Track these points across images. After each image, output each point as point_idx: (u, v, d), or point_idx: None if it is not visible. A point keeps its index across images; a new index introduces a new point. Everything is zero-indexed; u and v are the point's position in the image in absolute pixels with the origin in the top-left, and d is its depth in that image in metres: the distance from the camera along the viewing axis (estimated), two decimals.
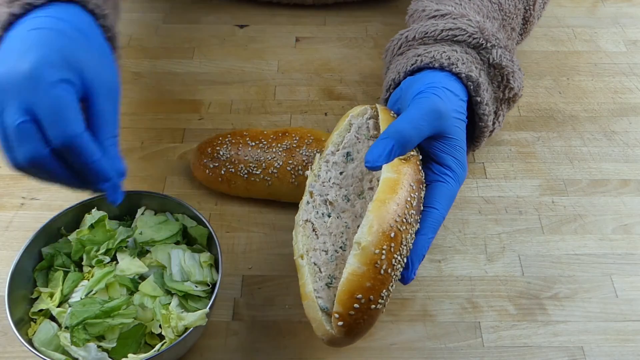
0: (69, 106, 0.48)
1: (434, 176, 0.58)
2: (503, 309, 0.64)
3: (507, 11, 0.71)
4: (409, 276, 0.54)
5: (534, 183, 0.76)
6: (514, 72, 0.66)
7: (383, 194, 0.52)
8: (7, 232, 0.70)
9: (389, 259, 0.50)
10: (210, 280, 0.59)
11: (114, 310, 0.55)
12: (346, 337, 0.51)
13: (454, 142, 0.59)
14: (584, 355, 0.61)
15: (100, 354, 0.54)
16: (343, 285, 0.50)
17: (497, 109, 0.68)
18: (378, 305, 0.51)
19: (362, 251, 0.49)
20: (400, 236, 0.51)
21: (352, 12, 1.00)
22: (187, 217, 0.63)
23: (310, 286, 0.53)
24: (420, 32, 0.67)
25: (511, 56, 0.67)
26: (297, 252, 0.55)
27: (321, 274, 0.53)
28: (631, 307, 0.64)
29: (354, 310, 0.50)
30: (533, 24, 0.77)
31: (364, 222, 0.50)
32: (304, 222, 0.56)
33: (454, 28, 0.65)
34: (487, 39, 0.65)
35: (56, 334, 0.55)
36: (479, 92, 0.63)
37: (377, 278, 0.50)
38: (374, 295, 0.50)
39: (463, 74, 0.62)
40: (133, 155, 0.78)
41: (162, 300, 0.57)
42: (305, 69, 0.90)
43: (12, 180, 0.75)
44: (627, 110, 0.84)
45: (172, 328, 0.54)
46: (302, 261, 0.54)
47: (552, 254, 0.69)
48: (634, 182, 0.76)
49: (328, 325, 0.52)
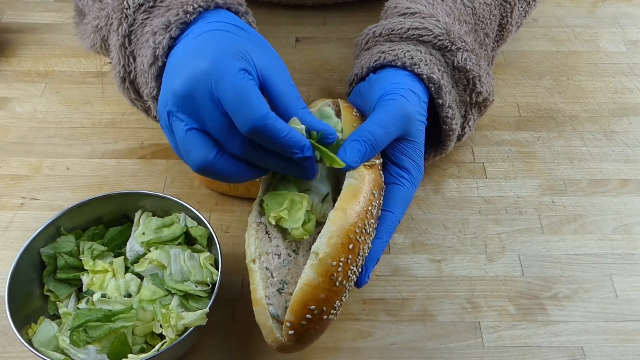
0: (254, 91, 0.48)
1: (392, 179, 0.58)
2: (503, 309, 0.64)
3: (480, 16, 0.70)
4: (362, 280, 0.54)
5: (534, 183, 0.76)
6: (480, 76, 0.66)
7: (345, 202, 0.51)
8: (7, 232, 0.70)
9: (345, 270, 0.49)
10: (210, 280, 0.59)
11: (115, 315, 0.55)
12: (296, 345, 0.51)
13: (414, 145, 0.59)
14: (584, 355, 0.61)
15: (100, 356, 0.54)
16: (297, 295, 0.49)
17: (466, 112, 0.68)
18: (330, 315, 0.50)
19: (319, 262, 0.49)
20: (358, 247, 0.50)
21: (352, 12, 0.99)
22: (187, 217, 0.63)
23: (261, 292, 0.51)
24: (387, 28, 0.66)
25: (477, 60, 0.66)
26: (249, 256, 0.53)
27: (273, 279, 0.52)
28: (631, 307, 0.64)
29: (306, 321, 0.49)
30: (510, 32, 0.75)
31: (324, 232, 0.49)
32: (256, 225, 0.54)
33: (420, 27, 0.64)
34: (452, 42, 0.64)
35: (55, 335, 0.56)
36: (441, 95, 0.63)
37: (331, 290, 0.49)
38: (327, 306, 0.49)
39: (425, 75, 0.62)
40: (133, 155, 0.78)
41: (163, 300, 0.58)
42: (305, 69, 0.90)
43: (12, 180, 0.75)
44: (627, 110, 0.84)
45: (172, 327, 0.54)
46: (253, 266, 0.52)
47: (552, 254, 0.69)
48: (634, 182, 0.76)
49: (278, 332, 0.51)
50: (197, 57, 0.49)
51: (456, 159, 0.78)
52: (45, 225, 0.60)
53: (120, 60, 0.58)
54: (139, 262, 0.61)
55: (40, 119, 0.82)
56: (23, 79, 0.88)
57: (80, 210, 0.63)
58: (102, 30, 0.61)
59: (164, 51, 0.53)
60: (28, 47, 0.93)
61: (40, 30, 0.95)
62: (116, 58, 0.59)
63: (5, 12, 0.98)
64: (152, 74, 0.54)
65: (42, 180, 0.75)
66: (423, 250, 0.69)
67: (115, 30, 0.58)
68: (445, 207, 0.73)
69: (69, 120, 0.82)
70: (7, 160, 0.77)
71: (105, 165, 0.77)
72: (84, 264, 0.60)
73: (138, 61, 0.57)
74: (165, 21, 0.54)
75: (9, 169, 0.76)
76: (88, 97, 0.85)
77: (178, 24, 0.53)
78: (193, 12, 0.54)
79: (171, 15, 0.54)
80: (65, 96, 0.85)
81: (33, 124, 0.81)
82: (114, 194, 0.64)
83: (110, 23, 0.59)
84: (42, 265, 0.61)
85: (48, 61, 0.90)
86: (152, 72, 0.54)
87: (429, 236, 0.70)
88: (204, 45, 0.51)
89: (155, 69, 0.54)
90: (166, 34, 0.53)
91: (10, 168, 0.76)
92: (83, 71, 0.89)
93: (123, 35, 0.57)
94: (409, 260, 0.68)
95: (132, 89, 0.60)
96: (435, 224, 0.71)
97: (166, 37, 0.53)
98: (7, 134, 0.80)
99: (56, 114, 0.83)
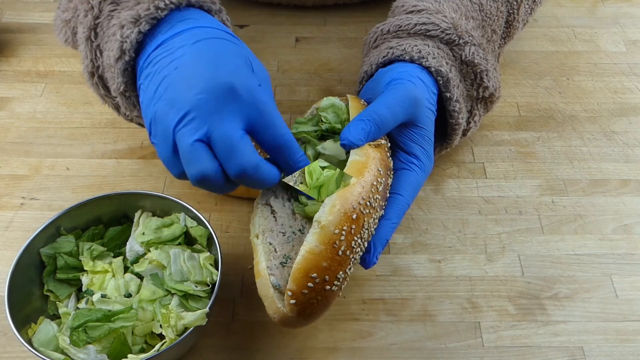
0: (275, 109, 0.49)
1: (401, 164, 0.58)
2: (503, 309, 0.64)
3: (487, 12, 0.70)
4: (370, 260, 0.54)
5: (534, 183, 0.76)
6: (488, 71, 0.66)
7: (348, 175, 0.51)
8: (7, 232, 0.70)
9: (348, 240, 0.49)
10: (210, 280, 0.59)
11: (115, 315, 0.55)
12: (298, 317, 0.50)
13: (423, 132, 0.59)
14: (584, 355, 0.61)
15: (100, 356, 0.54)
16: (299, 263, 0.49)
17: (472, 107, 0.68)
18: (333, 287, 0.50)
19: (321, 230, 0.49)
20: (363, 219, 0.50)
21: (352, 12, 1.00)
22: (187, 217, 0.63)
23: (263, 264, 0.51)
24: (394, 25, 0.67)
25: (485, 55, 0.66)
26: (253, 232, 0.53)
27: (276, 254, 0.52)
28: (631, 307, 0.64)
29: (308, 290, 0.49)
30: (517, 29, 0.76)
31: (327, 202, 0.50)
32: (262, 205, 0.55)
33: (427, 23, 0.65)
34: (459, 36, 0.64)
35: (55, 335, 0.56)
36: (449, 88, 0.63)
37: (334, 259, 0.49)
38: (330, 275, 0.49)
39: (433, 67, 0.62)
40: (133, 155, 0.78)
41: (163, 300, 0.58)
42: (305, 69, 0.90)
43: (12, 180, 0.75)
44: (627, 110, 0.84)
45: (172, 327, 0.54)
46: (257, 240, 0.53)
47: (552, 254, 0.69)
48: (634, 182, 0.76)
49: (280, 303, 0.50)
50: (214, 68, 0.48)
51: (456, 159, 0.78)
52: (45, 225, 0.60)
53: (88, 54, 0.56)
54: (139, 262, 0.61)
55: (40, 119, 0.82)
56: (23, 79, 0.88)
57: (80, 210, 0.63)
58: (71, 23, 0.59)
59: (132, 46, 0.51)
60: (28, 47, 0.93)
61: (40, 30, 0.95)
62: (83, 52, 0.57)
63: (5, 12, 0.98)
64: (119, 68, 0.52)
65: (42, 180, 0.75)
66: (423, 250, 0.69)
67: (81, 22, 0.56)
68: (445, 207, 0.73)
69: (69, 120, 0.82)
70: (7, 160, 0.77)
71: (105, 165, 0.77)
72: (83, 264, 0.60)
73: (105, 55, 0.55)
74: (134, 14, 0.51)
75: (9, 169, 0.76)
76: (88, 97, 0.85)
77: (148, 18, 0.51)
78: (164, 8, 0.52)
79: (141, 9, 0.51)
80: (65, 96, 0.85)
81: (33, 124, 0.81)
82: (113, 194, 0.64)
83: (77, 15, 0.57)
84: (42, 265, 0.61)
85: (48, 61, 0.90)
86: (118, 66, 0.52)
87: (429, 236, 0.70)
88: (214, 55, 0.49)
89: (122, 64, 0.52)
90: (135, 28, 0.51)
91: (10, 168, 0.76)
92: None
93: (89, 27, 0.55)
94: (409, 260, 0.68)
95: (100, 85, 0.58)
96: (435, 224, 0.71)
97: (135, 31, 0.51)
98: (7, 134, 0.80)
99: (56, 114, 0.83)
